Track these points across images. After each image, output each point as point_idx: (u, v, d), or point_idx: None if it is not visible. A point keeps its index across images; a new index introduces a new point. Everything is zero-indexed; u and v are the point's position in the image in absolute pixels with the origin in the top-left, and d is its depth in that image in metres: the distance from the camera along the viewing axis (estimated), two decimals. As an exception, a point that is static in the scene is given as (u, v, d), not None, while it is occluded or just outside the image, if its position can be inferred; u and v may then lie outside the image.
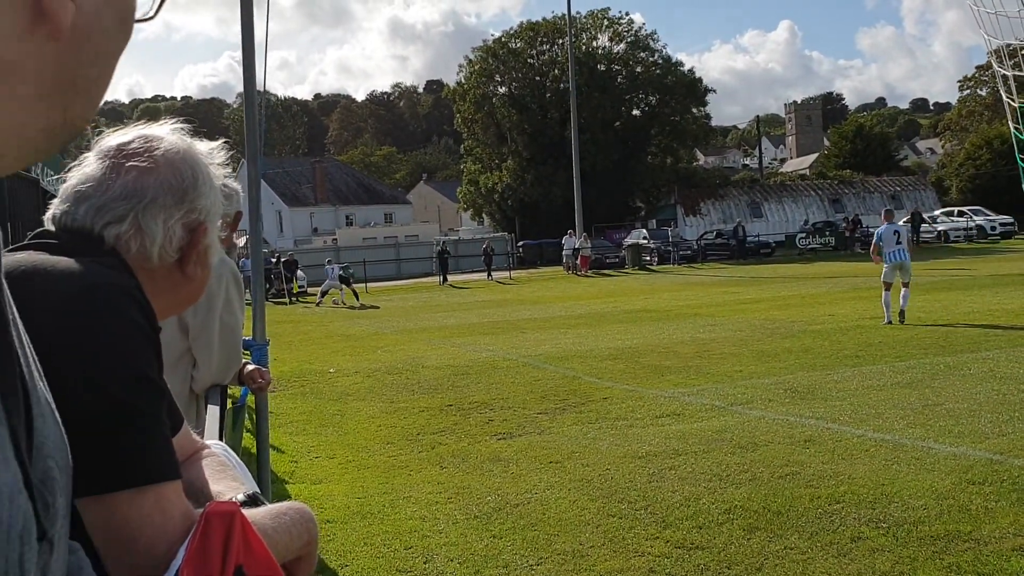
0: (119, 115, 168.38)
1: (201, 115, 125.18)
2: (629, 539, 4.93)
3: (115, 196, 1.30)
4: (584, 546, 4.88)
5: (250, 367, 3.37)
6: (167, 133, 1.39)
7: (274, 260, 34.27)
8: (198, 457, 1.48)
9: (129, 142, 1.35)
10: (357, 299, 28.48)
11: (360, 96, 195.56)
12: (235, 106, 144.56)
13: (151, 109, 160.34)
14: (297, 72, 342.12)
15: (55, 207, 1.33)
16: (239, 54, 5.03)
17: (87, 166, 1.35)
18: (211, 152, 1.44)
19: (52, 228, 1.32)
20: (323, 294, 29.37)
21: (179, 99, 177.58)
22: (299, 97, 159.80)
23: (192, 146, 1.40)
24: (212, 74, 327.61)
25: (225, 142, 1.51)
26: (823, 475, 5.83)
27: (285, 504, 1.34)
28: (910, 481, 5.56)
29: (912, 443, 6.49)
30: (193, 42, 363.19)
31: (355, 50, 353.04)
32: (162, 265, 1.33)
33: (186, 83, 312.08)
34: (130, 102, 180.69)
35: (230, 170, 1.48)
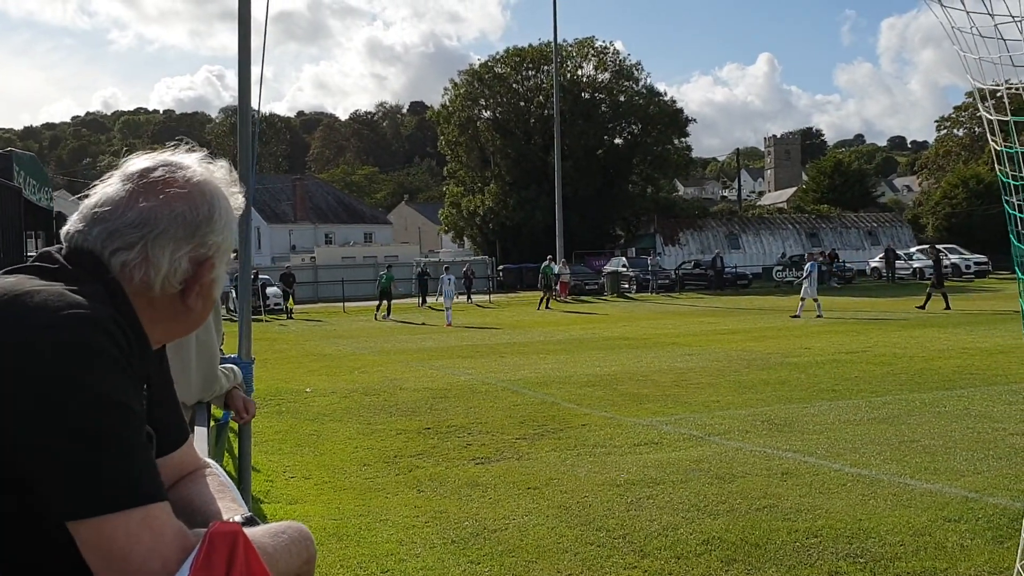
0: (100, 126, 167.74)
1: (183, 129, 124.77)
2: (607, 568, 4.91)
3: (128, 223, 1.30)
4: (562, 574, 4.85)
5: (239, 396, 3.35)
6: (193, 163, 1.38)
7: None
8: (201, 474, 1.48)
9: (153, 169, 1.35)
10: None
11: (339, 113, 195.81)
12: (217, 120, 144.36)
13: (132, 122, 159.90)
14: (274, 88, 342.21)
15: (71, 224, 1.34)
16: (217, 68, 5.04)
17: (110, 186, 1.34)
18: (230, 181, 1.43)
19: (65, 244, 1.32)
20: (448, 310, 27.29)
21: (161, 112, 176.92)
22: (278, 113, 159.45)
23: (215, 179, 1.39)
24: (189, 87, 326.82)
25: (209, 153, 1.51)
26: (800, 508, 5.84)
27: (283, 523, 1.34)
28: (887, 517, 5.58)
29: (889, 479, 6.53)
30: (167, 55, 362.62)
31: (332, 67, 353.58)
32: (164, 294, 1.33)
33: (162, 96, 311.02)
34: (112, 114, 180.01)
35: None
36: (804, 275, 24.11)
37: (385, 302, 30.51)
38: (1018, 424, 8.34)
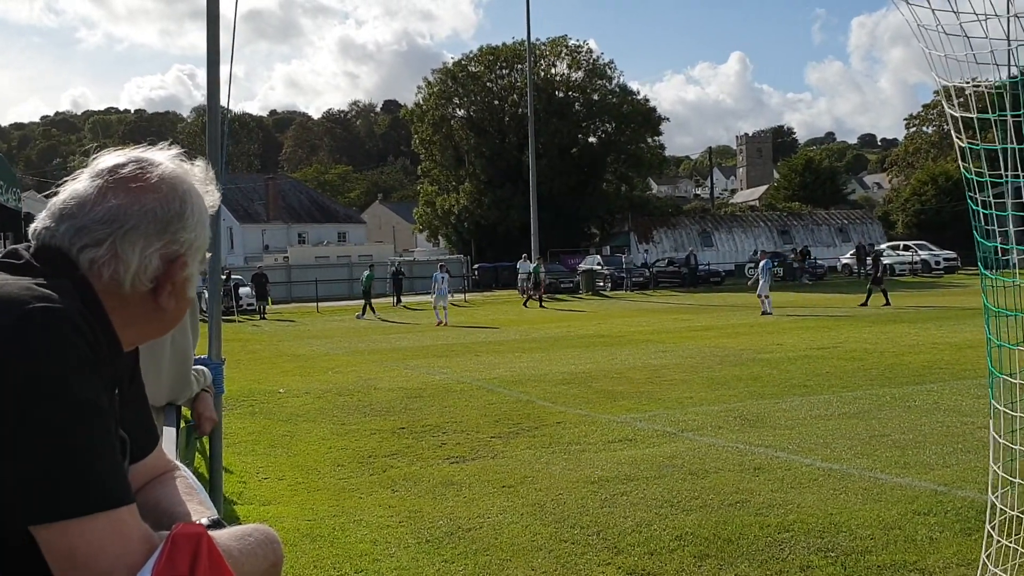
0: (71, 126, 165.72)
1: (155, 128, 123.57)
2: (581, 565, 4.92)
3: (97, 219, 1.27)
4: (536, 572, 4.86)
5: (203, 409, 3.31)
6: (165, 159, 1.36)
7: (223, 277, 33.79)
8: (170, 476, 1.46)
9: (123, 165, 1.32)
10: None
11: (311, 112, 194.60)
12: (189, 120, 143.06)
13: (103, 121, 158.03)
14: (246, 87, 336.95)
15: (39, 221, 1.31)
16: (188, 67, 5.01)
17: (79, 183, 1.32)
18: (205, 179, 1.41)
19: (32, 242, 1.30)
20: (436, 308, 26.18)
21: (132, 112, 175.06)
22: (250, 112, 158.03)
23: (188, 176, 1.37)
24: (160, 86, 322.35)
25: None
26: (773, 503, 5.89)
27: (250, 526, 1.33)
28: (858, 511, 5.64)
29: (860, 473, 6.60)
30: (136, 54, 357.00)
31: (304, 66, 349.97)
32: (135, 293, 1.31)
33: (133, 96, 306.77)
34: (82, 114, 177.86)
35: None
36: (761, 273, 24.57)
37: (366, 301, 30.75)
38: (986, 418, 8.42)
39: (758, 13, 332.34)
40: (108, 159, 1.34)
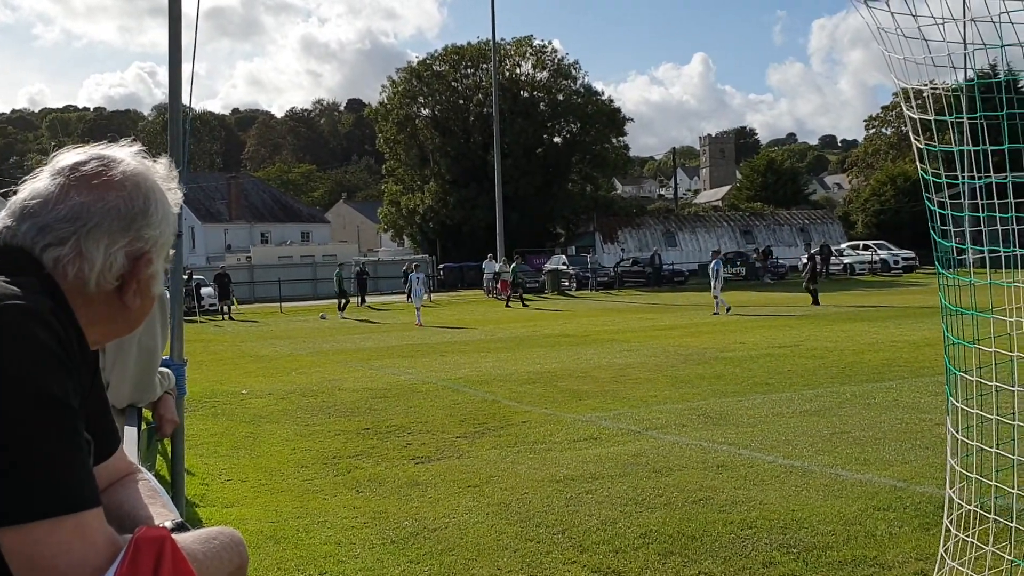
0: (28, 124, 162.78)
1: (115, 127, 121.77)
2: (547, 564, 4.94)
3: (60, 217, 1.25)
4: (502, 571, 4.87)
5: (164, 411, 3.27)
6: (127, 156, 1.34)
7: (185, 277, 33.41)
8: (132, 479, 1.44)
9: (84, 162, 1.30)
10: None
11: (274, 111, 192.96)
12: (150, 118, 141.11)
13: (61, 119, 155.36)
14: (207, 86, 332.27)
15: None
16: (149, 65, 4.95)
17: (39, 181, 1.30)
18: (168, 176, 1.40)
19: None
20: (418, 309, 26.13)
21: (91, 110, 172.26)
22: (212, 111, 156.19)
23: (151, 173, 1.35)
24: (119, 84, 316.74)
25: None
26: (736, 500, 5.95)
27: (215, 529, 1.31)
28: (819, 507, 5.71)
29: (821, 470, 6.68)
30: (95, 51, 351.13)
31: (266, 64, 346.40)
32: (100, 291, 1.29)
33: (92, 93, 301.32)
34: (40, 111, 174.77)
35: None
36: (711, 273, 24.82)
37: (342, 300, 31.14)
38: (944, 414, 8.57)
39: (720, 14, 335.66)
40: (69, 157, 1.32)
